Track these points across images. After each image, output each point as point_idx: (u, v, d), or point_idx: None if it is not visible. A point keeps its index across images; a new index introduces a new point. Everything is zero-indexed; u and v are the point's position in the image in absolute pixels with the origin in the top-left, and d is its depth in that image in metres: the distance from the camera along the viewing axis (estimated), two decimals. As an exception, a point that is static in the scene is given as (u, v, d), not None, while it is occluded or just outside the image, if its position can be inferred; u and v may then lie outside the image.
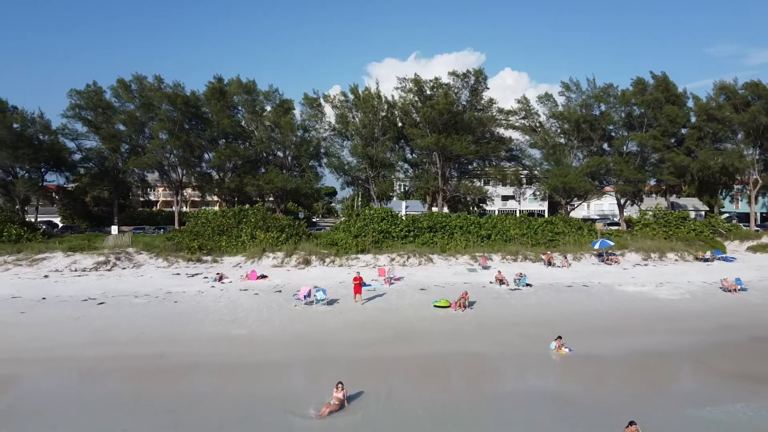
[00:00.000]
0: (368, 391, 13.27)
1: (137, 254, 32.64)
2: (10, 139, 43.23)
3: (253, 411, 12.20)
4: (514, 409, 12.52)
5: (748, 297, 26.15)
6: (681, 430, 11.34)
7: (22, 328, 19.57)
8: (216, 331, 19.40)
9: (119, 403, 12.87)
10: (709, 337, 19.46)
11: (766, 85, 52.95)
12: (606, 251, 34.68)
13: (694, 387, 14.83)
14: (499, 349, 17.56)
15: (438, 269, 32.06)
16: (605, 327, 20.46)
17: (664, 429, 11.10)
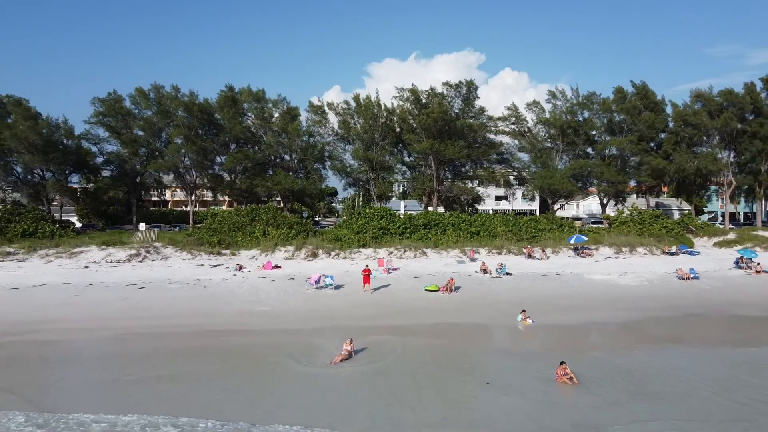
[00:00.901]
0: (370, 348, 17.25)
1: (164, 248, 36.69)
2: (41, 145, 47.26)
3: (280, 362, 16.09)
4: (482, 359, 16.55)
5: (699, 284, 30.16)
6: (600, 370, 15.32)
7: (81, 306, 23.60)
8: (242, 308, 23.43)
9: (175, 354, 16.89)
10: (654, 313, 23.47)
11: (738, 93, 57.26)
12: (581, 246, 38.76)
13: (625, 344, 18.80)
14: (476, 321, 21.60)
15: (431, 261, 36.14)
16: (568, 306, 24.47)
17: (589, 369, 15.08)
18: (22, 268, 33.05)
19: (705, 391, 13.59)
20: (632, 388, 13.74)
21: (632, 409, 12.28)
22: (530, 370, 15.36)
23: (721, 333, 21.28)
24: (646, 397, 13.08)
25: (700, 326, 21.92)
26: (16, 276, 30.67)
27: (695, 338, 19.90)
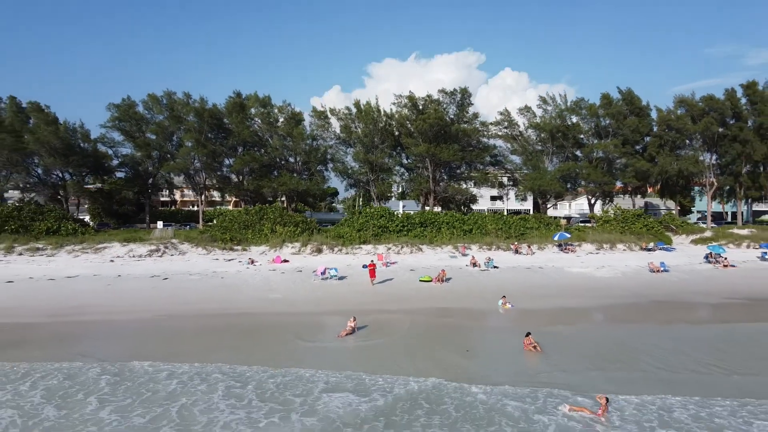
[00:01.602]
0: (370, 326, 20.38)
1: (180, 244, 39.88)
2: (61, 148, 50.44)
3: (294, 335, 19.22)
4: (465, 334, 19.71)
5: (668, 276, 33.32)
6: (560, 342, 18.46)
7: (115, 294, 26.77)
8: (257, 295, 26.60)
9: (204, 330, 20.07)
10: (620, 300, 26.62)
11: (719, 99, 60.44)
12: (564, 242, 41.93)
13: (587, 323, 21.95)
14: (463, 306, 24.73)
15: (426, 256, 39.32)
16: (545, 294, 27.62)
17: (552, 341, 18.21)
18: (52, 261, 36.26)
19: (645, 357, 16.70)
20: (583, 355, 16.89)
21: (578, 369, 15.38)
22: (503, 341, 18.53)
23: (674, 316, 24.31)
24: (593, 361, 16.23)
25: (658, 310, 25.02)
26: (48, 269, 33.87)
27: (650, 320, 23.01)
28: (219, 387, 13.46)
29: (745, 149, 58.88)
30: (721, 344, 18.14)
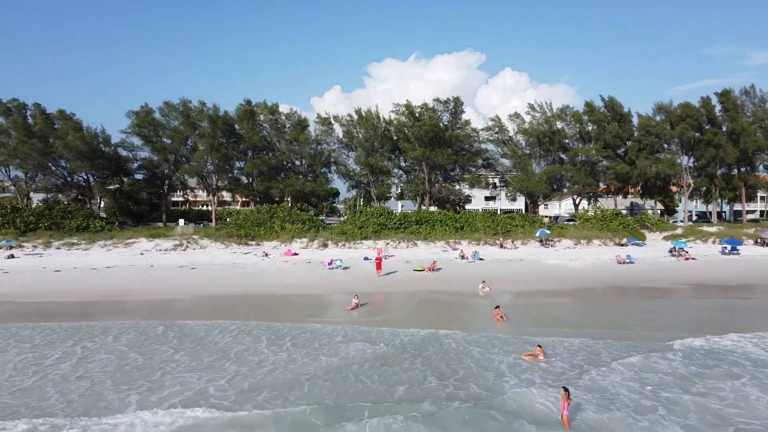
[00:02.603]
0: (370, 303, 24.95)
1: (200, 240, 44.48)
2: (88, 152, 55.00)
3: (309, 311, 23.81)
4: (450, 308, 24.29)
5: (633, 267, 37.88)
6: (522, 312, 23.02)
7: (153, 281, 31.31)
8: (274, 282, 31.15)
9: (234, 308, 24.64)
10: (584, 285, 31.17)
11: (694, 105, 65.10)
12: (545, 238, 46.52)
13: (546, 300, 26.49)
14: (449, 289, 29.26)
15: (420, 250, 43.93)
16: (521, 280, 32.17)
17: (516, 312, 22.77)
18: (88, 255, 40.86)
19: (585, 321, 21.28)
20: (538, 321, 21.48)
21: (531, 330, 19.94)
22: (478, 313, 23.13)
23: (623, 296, 28.85)
24: (544, 325, 20.80)
25: (612, 293, 29.58)
26: (87, 260, 38.47)
27: (601, 298, 27.63)
28: (262, 338, 18.08)
29: (718, 153, 63.53)
30: (648, 314, 22.78)
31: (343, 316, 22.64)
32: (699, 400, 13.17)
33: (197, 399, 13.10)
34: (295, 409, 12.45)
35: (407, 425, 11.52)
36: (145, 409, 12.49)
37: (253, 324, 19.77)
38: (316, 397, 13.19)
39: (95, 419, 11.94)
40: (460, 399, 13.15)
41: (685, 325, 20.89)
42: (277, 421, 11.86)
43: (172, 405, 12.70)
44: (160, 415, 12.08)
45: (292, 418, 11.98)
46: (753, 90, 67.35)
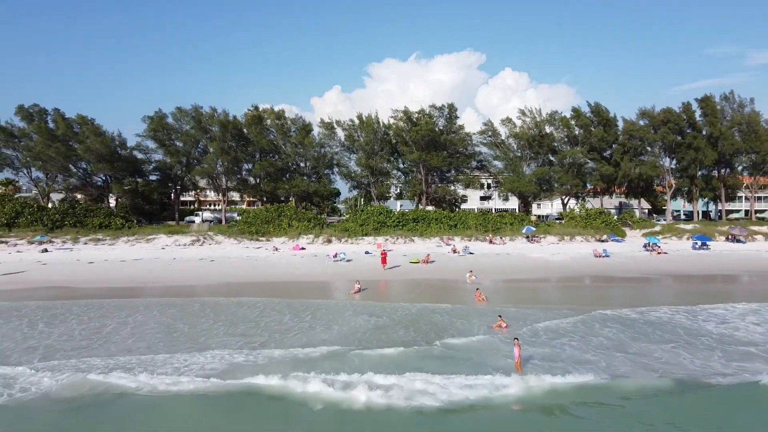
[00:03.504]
0: (371, 288, 28.99)
1: (215, 236, 48.55)
2: (107, 155, 59.07)
3: (320, 294, 27.88)
4: (439, 291, 28.36)
5: (608, 260, 41.94)
6: (501, 295, 27.08)
7: (178, 271, 35.38)
8: (286, 271, 35.21)
9: (255, 290, 28.70)
10: (559, 274, 35.23)
11: (675, 110, 69.14)
12: (531, 234, 50.60)
13: (522, 285, 30.54)
14: (440, 277, 33.32)
15: (416, 245, 48.02)
16: (506, 270, 36.23)
17: (495, 295, 26.83)
18: (114, 249, 44.93)
19: (551, 299, 25.31)
20: (512, 300, 25.53)
21: (505, 307, 23.99)
22: (463, 295, 27.19)
23: (590, 282, 32.90)
24: (516, 303, 24.87)
25: (581, 279, 33.62)
26: (114, 254, 42.55)
27: (570, 284, 31.69)
28: (285, 313, 22.14)
29: (698, 155, 67.52)
30: (604, 294, 26.86)
31: (348, 299, 26.70)
32: (632, 357, 16.95)
33: (238, 353, 17.11)
34: (312, 349, 16.47)
35: (400, 353, 15.51)
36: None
37: (275, 301, 23.91)
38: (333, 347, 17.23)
39: (164, 354, 15.91)
40: (438, 346, 17.19)
41: (633, 301, 24.96)
42: (299, 359, 15.82)
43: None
44: (209, 357, 16.07)
45: (308, 356, 15.95)
46: (732, 95, 71.45)
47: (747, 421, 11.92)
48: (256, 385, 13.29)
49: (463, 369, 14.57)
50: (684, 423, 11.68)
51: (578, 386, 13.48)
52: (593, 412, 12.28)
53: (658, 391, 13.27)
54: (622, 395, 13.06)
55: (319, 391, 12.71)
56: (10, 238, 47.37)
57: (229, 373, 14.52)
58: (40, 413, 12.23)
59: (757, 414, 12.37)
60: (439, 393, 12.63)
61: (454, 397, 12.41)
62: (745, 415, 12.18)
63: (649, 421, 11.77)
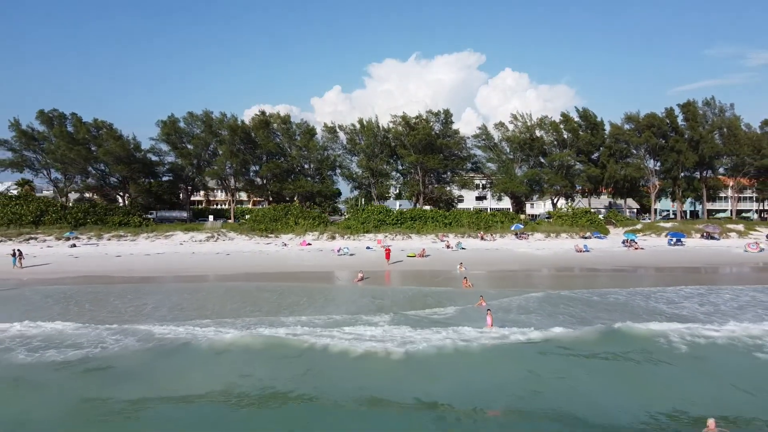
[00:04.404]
0: (371, 277, 33.04)
1: (228, 233, 52.61)
2: (125, 157, 63.15)
3: (327, 282, 31.95)
4: (432, 278, 32.44)
5: (588, 255, 45.97)
6: (484, 281, 31.13)
7: (198, 263, 39.40)
8: (296, 263, 39.25)
9: (269, 278, 32.73)
10: (543, 266, 39.30)
11: (659, 115, 73.23)
12: (519, 232, 54.68)
13: (504, 274, 34.58)
14: (434, 269, 37.37)
15: (413, 242, 52.09)
16: (492, 263, 40.29)
17: (479, 282, 30.85)
18: (137, 245, 48.97)
19: (529, 283, 29.34)
20: (494, 284, 29.61)
21: (486, 289, 28.02)
22: (453, 282, 31.23)
23: (566, 273, 36.94)
24: (497, 286, 28.93)
25: (560, 269, 37.71)
26: (138, 249, 46.60)
27: (548, 273, 35.77)
28: (301, 295, 26.14)
29: (680, 158, 71.63)
30: (576, 282, 30.94)
31: (352, 286, 30.75)
32: (579, 320, 21.02)
33: (268, 319, 21.09)
34: (327, 317, 20.49)
35: (397, 317, 19.53)
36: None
37: (290, 286, 27.99)
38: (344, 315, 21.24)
39: (207, 320, 19.91)
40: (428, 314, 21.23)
41: (598, 286, 29.01)
42: (317, 323, 19.80)
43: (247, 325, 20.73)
44: (241, 324, 20.08)
45: (324, 322, 19.89)
46: (713, 101, 75.67)
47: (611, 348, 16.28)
48: (286, 339, 17.28)
49: (445, 328, 18.62)
50: (598, 354, 15.68)
51: (533, 337, 17.47)
52: (538, 352, 16.22)
53: (584, 340, 17.22)
54: (564, 343, 17.02)
55: (334, 343, 16.67)
56: (38, 234, 51.35)
57: (263, 332, 18.49)
58: (126, 360, 16.17)
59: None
60: (424, 342, 16.65)
61: (436, 343, 16.43)
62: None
63: (568, 354, 15.74)
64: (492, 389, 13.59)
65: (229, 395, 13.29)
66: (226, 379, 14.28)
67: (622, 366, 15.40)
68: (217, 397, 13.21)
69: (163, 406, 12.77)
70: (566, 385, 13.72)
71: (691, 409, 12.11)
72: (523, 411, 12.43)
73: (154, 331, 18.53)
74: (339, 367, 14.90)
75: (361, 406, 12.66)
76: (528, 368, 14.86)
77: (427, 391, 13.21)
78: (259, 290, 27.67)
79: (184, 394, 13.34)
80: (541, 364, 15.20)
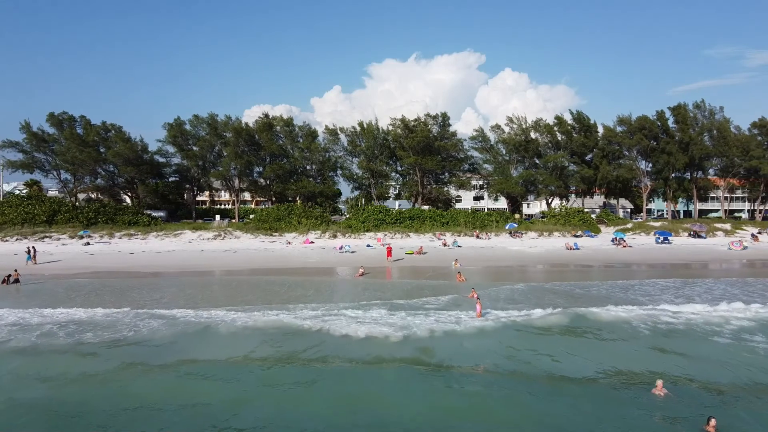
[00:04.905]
0: (372, 272, 35.29)
1: (234, 231, 54.87)
2: (134, 159, 65.42)
3: (329, 276, 34.21)
4: (428, 271, 34.71)
5: (578, 252, 48.23)
6: (476, 275, 33.39)
7: (208, 260, 41.64)
8: (300, 260, 41.52)
9: (276, 273, 34.99)
10: (534, 262, 41.53)
11: (650, 117, 75.51)
12: (513, 230, 56.94)
13: (496, 268, 36.85)
14: (431, 265, 39.60)
15: (412, 240, 54.38)
16: (486, 259, 42.55)
17: (470, 276, 33.12)
18: (147, 243, 51.21)
19: (512, 277, 31.59)
20: (486, 278, 31.86)
21: (479, 283, 30.28)
22: (449, 277, 33.49)
23: (555, 268, 39.16)
24: (489, 279, 31.21)
25: (550, 265, 39.95)
26: (149, 246, 48.83)
27: (536, 268, 38.02)
28: (308, 288, 28.39)
29: (670, 159, 73.89)
30: (563, 276, 33.21)
31: (354, 280, 33.03)
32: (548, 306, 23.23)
33: (279, 307, 23.30)
34: (333, 305, 22.73)
35: (396, 305, 21.78)
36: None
37: (297, 279, 30.30)
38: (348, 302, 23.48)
39: (222, 308, 22.17)
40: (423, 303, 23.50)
41: (583, 280, 31.30)
42: (324, 310, 22.04)
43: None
44: (255, 310, 22.33)
45: (329, 310, 22.14)
46: (703, 104, 77.87)
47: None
48: (297, 322, 19.55)
49: (439, 314, 20.94)
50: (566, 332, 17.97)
51: (516, 319, 19.75)
52: (516, 329, 18.50)
53: (556, 321, 19.57)
54: (538, 324, 19.32)
55: (338, 327, 18.92)
56: (52, 233, 53.60)
57: (275, 317, 20.75)
58: (157, 338, 18.38)
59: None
60: (420, 325, 18.93)
61: (431, 326, 18.73)
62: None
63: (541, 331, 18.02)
64: (475, 355, 15.98)
65: (249, 359, 15.72)
66: (244, 350, 16.60)
67: (586, 340, 17.76)
68: (239, 360, 15.60)
69: (194, 367, 15.09)
70: (536, 353, 16.06)
71: (645, 372, 14.39)
72: (498, 369, 14.88)
73: (177, 316, 20.87)
74: (344, 343, 17.20)
75: (364, 365, 15.05)
76: (505, 341, 17.23)
77: (418, 357, 15.57)
78: (269, 283, 29.96)
79: (211, 358, 15.73)
80: (517, 339, 17.57)
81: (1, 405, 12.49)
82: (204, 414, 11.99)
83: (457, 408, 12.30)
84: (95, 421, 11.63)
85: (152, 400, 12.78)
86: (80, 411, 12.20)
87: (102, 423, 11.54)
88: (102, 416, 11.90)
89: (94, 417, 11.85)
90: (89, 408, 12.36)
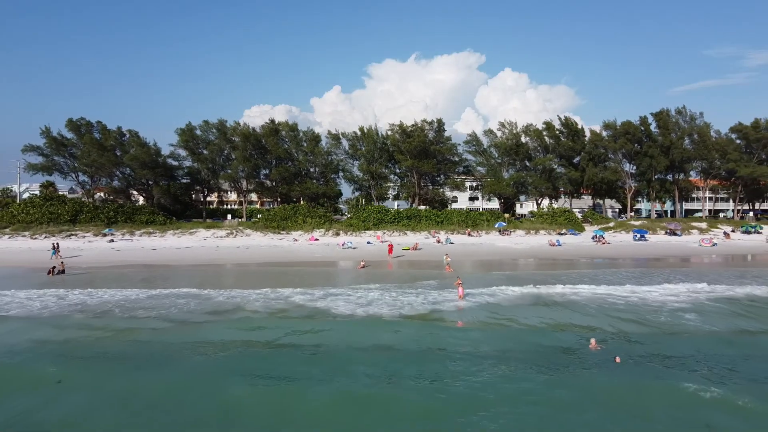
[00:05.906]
0: (372, 266, 39.89)
1: (244, 230, 59.47)
2: (149, 162, 70.05)
3: (331, 268, 38.80)
4: (421, 266, 39.32)
5: (560, 248, 52.76)
6: (462, 266, 37.99)
7: (224, 255, 46.18)
8: (307, 255, 46.10)
9: (285, 265, 39.59)
10: (517, 257, 46.15)
11: (634, 122, 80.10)
12: (502, 229, 61.56)
13: (482, 261, 41.43)
14: (425, 259, 44.19)
15: (409, 237, 58.99)
16: (474, 254, 47.16)
17: (458, 267, 37.72)
18: (166, 240, 55.80)
19: (494, 267, 36.18)
20: (473, 268, 36.44)
21: (464, 272, 34.86)
22: (439, 268, 38.09)
23: (538, 262, 43.73)
24: (475, 269, 35.83)
25: (533, 259, 44.54)
26: (168, 243, 53.40)
27: (517, 261, 42.61)
28: (318, 276, 33.02)
29: (653, 162, 78.50)
30: (540, 267, 37.82)
31: (357, 271, 37.61)
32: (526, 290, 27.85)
33: (292, 289, 27.84)
34: (337, 289, 27.34)
35: (392, 287, 26.37)
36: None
37: (306, 269, 34.94)
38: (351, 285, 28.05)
39: (248, 289, 26.71)
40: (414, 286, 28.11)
41: (558, 269, 35.86)
42: (329, 292, 26.60)
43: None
44: (276, 291, 26.92)
45: (332, 292, 26.71)
46: (685, 110, 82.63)
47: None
48: (311, 305, 24.14)
49: (428, 293, 25.57)
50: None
51: (488, 300, 24.36)
52: (487, 305, 23.12)
53: (522, 297, 24.23)
54: (509, 298, 23.96)
55: (338, 306, 23.44)
56: (77, 231, 58.20)
57: (289, 297, 25.33)
58: (199, 312, 22.91)
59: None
60: (413, 303, 23.55)
61: (422, 302, 23.39)
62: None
63: (509, 305, 22.63)
64: (455, 317, 20.78)
65: (287, 316, 20.55)
66: (275, 311, 21.29)
67: (545, 309, 22.49)
68: (269, 322, 20.39)
69: (238, 322, 19.85)
70: (506, 321, 20.71)
71: (582, 333, 18.98)
72: (475, 325, 19.67)
73: (211, 295, 25.49)
74: (348, 311, 21.87)
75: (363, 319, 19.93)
76: (479, 312, 21.94)
77: (410, 316, 20.23)
78: (282, 273, 34.58)
79: (249, 315, 20.48)
80: (486, 310, 22.26)
81: (113, 350, 17.06)
82: (253, 345, 16.89)
83: (445, 343, 17.05)
84: (173, 355, 16.23)
85: (218, 339, 17.75)
86: (159, 353, 16.80)
87: (179, 356, 16.11)
88: (176, 349, 16.54)
89: (168, 355, 16.46)
90: (170, 348, 16.98)
